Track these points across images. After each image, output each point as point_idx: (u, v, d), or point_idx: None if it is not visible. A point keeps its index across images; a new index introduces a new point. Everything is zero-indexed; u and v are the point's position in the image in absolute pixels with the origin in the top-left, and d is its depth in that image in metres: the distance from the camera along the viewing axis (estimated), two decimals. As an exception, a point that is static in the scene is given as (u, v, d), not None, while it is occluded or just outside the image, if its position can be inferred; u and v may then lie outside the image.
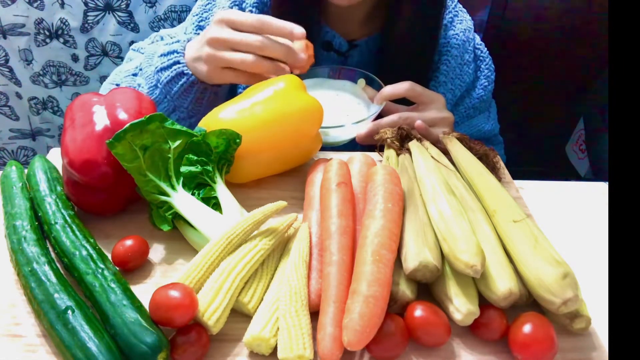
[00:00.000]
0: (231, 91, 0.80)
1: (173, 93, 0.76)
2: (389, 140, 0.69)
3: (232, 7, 0.87)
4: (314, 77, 0.84)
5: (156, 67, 0.76)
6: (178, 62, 0.74)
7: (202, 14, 0.90)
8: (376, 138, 0.72)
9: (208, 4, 0.91)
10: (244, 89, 0.79)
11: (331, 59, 0.91)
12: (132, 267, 0.55)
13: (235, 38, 0.68)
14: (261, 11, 0.87)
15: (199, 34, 0.89)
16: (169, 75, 0.75)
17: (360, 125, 0.75)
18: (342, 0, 0.81)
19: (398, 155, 0.68)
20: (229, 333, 0.49)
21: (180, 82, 0.75)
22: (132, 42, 1.28)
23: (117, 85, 0.86)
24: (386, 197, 0.54)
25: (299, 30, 0.67)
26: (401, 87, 0.77)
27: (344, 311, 0.47)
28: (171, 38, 0.91)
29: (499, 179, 0.68)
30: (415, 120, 0.73)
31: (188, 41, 0.76)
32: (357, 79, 0.85)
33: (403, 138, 0.70)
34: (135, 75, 0.83)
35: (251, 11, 0.86)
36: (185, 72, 0.74)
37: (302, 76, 0.75)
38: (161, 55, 0.76)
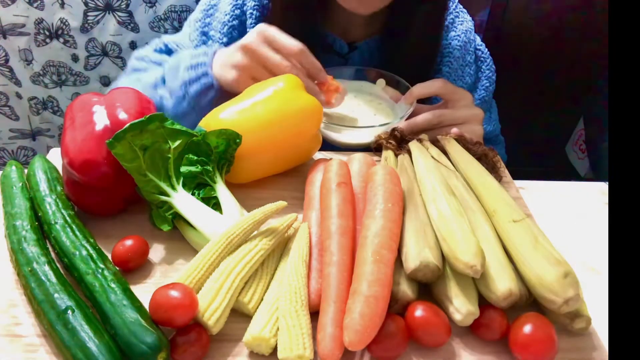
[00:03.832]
0: None
1: (202, 105, 0.75)
2: (384, 143, 0.70)
3: (233, 11, 0.87)
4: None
5: (183, 80, 0.75)
6: (206, 74, 0.74)
7: (204, 19, 0.90)
8: (373, 141, 0.72)
9: (210, 8, 0.90)
10: None
11: (331, 61, 0.91)
12: (132, 267, 0.55)
13: (270, 59, 0.69)
14: (261, 14, 0.87)
15: (204, 40, 0.89)
16: (197, 89, 0.74)
17: (391, 126, 0.73)
18: (363, 9, 0.80)
19: (396, 156, 0.68)
20: (229, 333, 0.49)
21: (210, 96, 0.74)
22: (132, 42, 1.28)
23: None
24: (386, 197, 0.54)
25: (324, 75, 0.72)
26: (433, 85, 0.75)
27: (344, 311, 0.47)
28: (177, 46, 0.91)
29: (499, 178, 0.68)
30: (448, 117, 0.73)
31: (214, 53, 0.76)
32: (375, 79, 0.83)
33: (399, 141, 0.70)
34: (155, 87, 0.81)
35: (252, 14, 0.86)
36: (214, 85, 0.74)
37: None
38: (189, 69, 0.75)
